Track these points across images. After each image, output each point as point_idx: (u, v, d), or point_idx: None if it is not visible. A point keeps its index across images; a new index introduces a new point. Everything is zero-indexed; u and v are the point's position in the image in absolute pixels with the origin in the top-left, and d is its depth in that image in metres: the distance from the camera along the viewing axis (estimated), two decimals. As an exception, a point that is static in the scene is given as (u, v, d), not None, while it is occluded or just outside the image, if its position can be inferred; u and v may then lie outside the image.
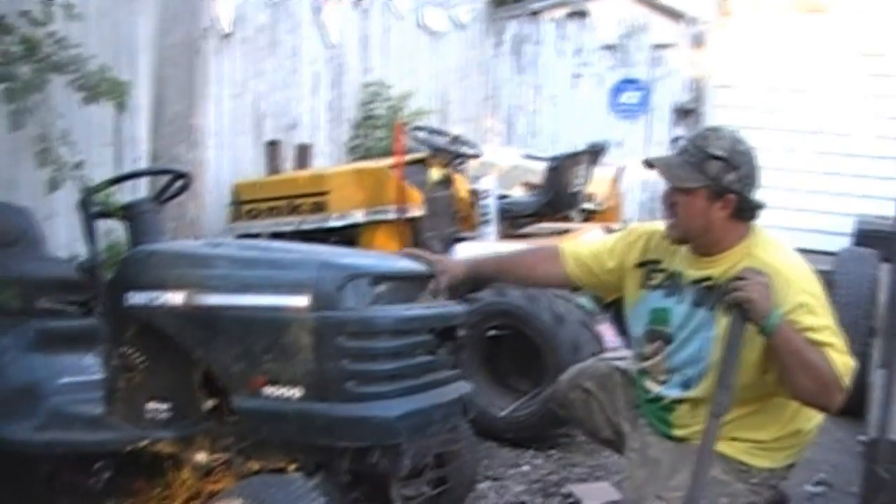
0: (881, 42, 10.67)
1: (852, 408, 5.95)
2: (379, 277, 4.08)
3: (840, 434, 6.35)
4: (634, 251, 4.16)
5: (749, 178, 3.78)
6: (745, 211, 3.80)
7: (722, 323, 3.72)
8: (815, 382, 3.54)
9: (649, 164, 3.87)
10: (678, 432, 3.94)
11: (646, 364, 4.07)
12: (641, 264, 4.14)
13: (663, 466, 3.93)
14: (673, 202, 3.83)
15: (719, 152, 3.73)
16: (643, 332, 4.08)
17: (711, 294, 3.82)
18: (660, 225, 4.11)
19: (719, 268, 3.82)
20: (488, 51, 14.09)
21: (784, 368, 3.58)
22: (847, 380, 3.55)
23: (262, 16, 9.56)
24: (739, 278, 3.58)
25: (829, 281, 6.74)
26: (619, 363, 4.42)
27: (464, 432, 4.74)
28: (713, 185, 3.72)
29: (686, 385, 3.88)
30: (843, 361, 3.54)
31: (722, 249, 3.81)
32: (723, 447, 3.79)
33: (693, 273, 3.92)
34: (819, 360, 3.51)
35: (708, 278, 3.86)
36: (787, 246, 3.87)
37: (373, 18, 11.44)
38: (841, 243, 8.56)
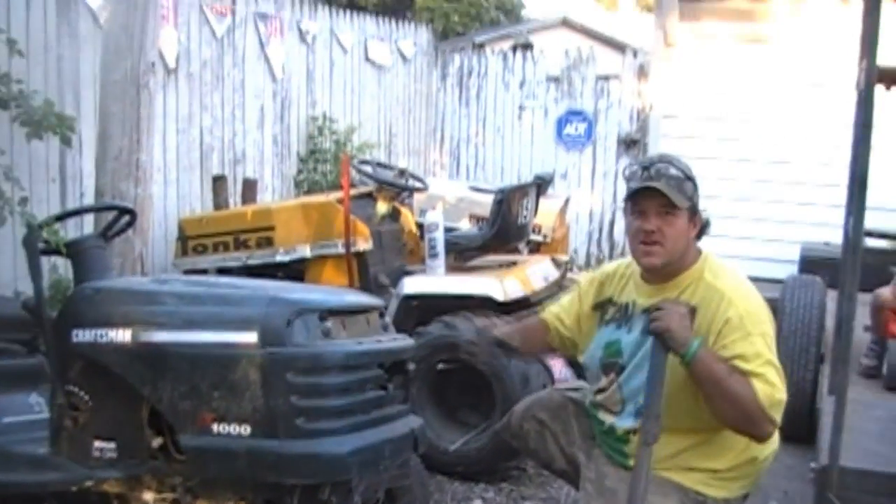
0: (822, 71, 10.80)
1: (804, 434, 6.01)
2: (327, 312, 4.07)
3: (791, 461, 6.37)
4: (588, 298, 4.20)
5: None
6: (705, 229, 3.87)
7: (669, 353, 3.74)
8: (737, 412, 3.55)
9: (646, 188, 3.82)
10: (634, 462, 3.95)
11: (600, 397, 4.07)
12: (596, 306, 4.17)
13: (619, 496, 3.92)
14: (655, 229, 3.82)
15: (688, 173, 3.79)
16: (599, 366, 4.09)
17: None
18: (613, 264, 4.16)
19: (670, 294, 3.84)
20: (434, 84, 14.17)
21: (706, 397, 3.60)
22: (774, 411, 3.54)
23: (207, 50, 9.55)
24: (658, 308, 3.61)
25: (776, 308, 6.81)
26: (572, 394, 4.42)
27: (414, 467, 4.71)
28: (690, 204, 3.78)
29: (639, 414, 3.88)
30: (767, 393, 3.52)
31: (677, 272, 3.83)
32: (679, 477, 3.80)
33: (644, 301, 3.93)
34: (741, 391, 3.51)
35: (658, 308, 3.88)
36: (736, 271, 3.90)
37: (318, 52, 11.46)
38: (788, 270, 8.63)
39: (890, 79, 3.85)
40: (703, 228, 3.89)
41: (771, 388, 3.53)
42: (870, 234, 4.81)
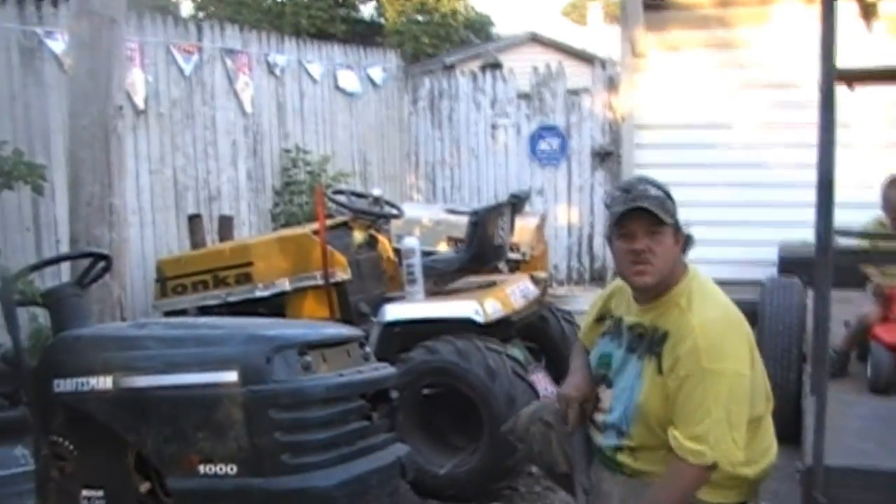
0: (791, 73, 10.84)
1: (790, 435, 6.02)
2: (307, 347, 4.08)
3: (780, 461, 6.33)
4: (594, 310, 4.25)
5: None
6: (688, 244, 3.89)
7: (645, 372, 3.77)
8: (682, 494, 3.66)
9: (638, 208, 3.83)
10: (627, 471, 3.96)
11: (595, 411, 4.11)
12: (599, 318, 4.21)
13: (613, 500, 3.94)
14: (643, 248, 3.83)
15: (668, 192, 3.82)
16: (596, 378, 4.12)
17: (639, 341, 3.87)
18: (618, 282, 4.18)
19: (648, 315, 3.87)
20: (405, 108, 14.22)
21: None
22: (705, 457, 3.57)
23: (176, 90, 9.56)
24: None
25: (756, 311, 6.83)
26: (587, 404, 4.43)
27: (403, 495, 4.72)
28: (673, 222, 3.80)
29: (620, 433, 3.90)
30: (691, 450, 3.57)
31: (666, 290, 3.84)
32: None
33: (629, 319, 3.97)
34: (671, 481, 3.64)
35: (639, 325, 3.91)
36: (716, 296, 3.89)
37: (287, 84, 11.49)
38: (768, 272, 8.65)
39: (851, 79, 3.88)
40: (686, 243, 3.90)
41: (701, 445, 3.57)
42: (841, 233, 4.84)
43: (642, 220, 3.78)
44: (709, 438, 3.56)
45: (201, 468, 3.91)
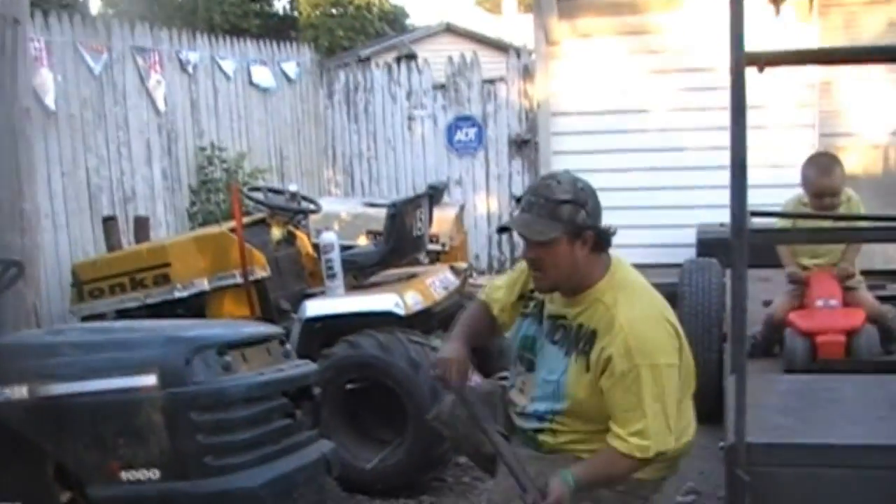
0: (703, 57, 10.94)
1: (713, 414, 6.10)
2: (226, 346, 4.04)
3: (704, 440, 6.37)
4: (518, 285, 4.21)
5: (596, 209, 3.86)
6: (602, 241, 3.88)
7: (572, 369, 3.80)
8: (623, 477, 3.77)
9: (504, 228, 3.92)
10: (546, 448, 3.99)
11: (512, 392, 4.12)
12: (521, 296, 4.19)
13: (530, 474, 3.96)
14: (534, 257, 3.86)
15: (565, 196, 3.79)
16: (514, 357, 4.13)
17: (563, 334, 3.89)
18: None
19: (571, 310, 3.88)
20: (321, 102, 14.14)
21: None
22: (650, 451, 3.68)
23: (86, 89, 9.42)
24: None
25: (677, 293, 6.89)
26: (503, 382, 4.43)
27: (330, 491, 4.70)
28: (570, 227, 3.78)
29: (542, 418, 3.93)
30: (637, 446, 3.66)
31: (585, 287, 3.86)
32: (589, 456, 3.85)
33: (551, 307, 3.99)
34: (622, 469, 3.72)
35: (562, 317, 3.92)
36: (639, 286, 3.92)
37: (200, 81, 11.37)
38: (687, 255, 8.75)
39: (760, 62, 3.92)
40: (603, 240, 3.89)
41: (639, 438, 3.66)
42: (755, 213, 4.89)
43: None
44: (650, 433, 3.65)
45: (123, 475, 3.87)
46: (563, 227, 3.77)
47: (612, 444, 3.70)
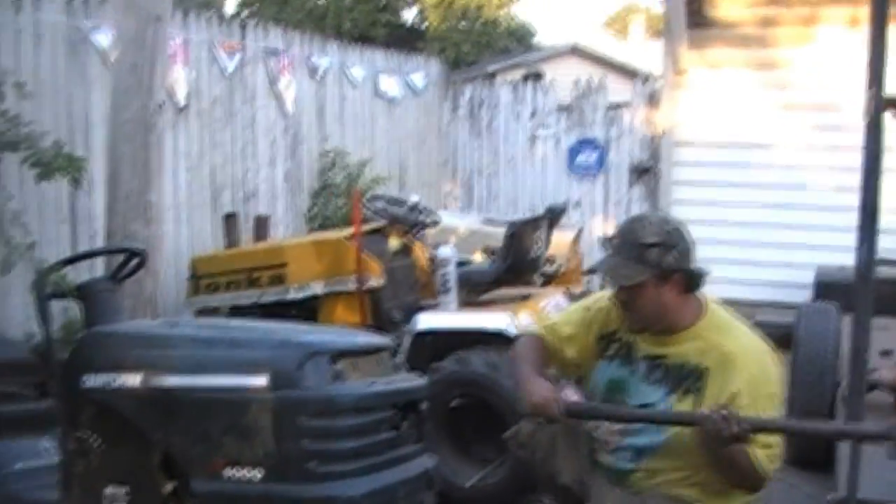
0: (834, 95, 10.76)
1: (821, 464, 5.95)
2: (338, 354, 4.05)
3: (809, 489, 6.30)
4: (595, 325, 4.14)
5: (686, 252, 3.79)
6: (693, 283, 3.81)
7: (677, 407, 3.74)
8: (738, 479, 3.64)
9: (592, 271, 3.89)
10: (635, 489, 3.93)
11: (598, 432, 4.05)
12: (600, 337, 4.12)
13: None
14: (624, 300, 3.83)
15: (653, 239, 3.73)
16: (599, 401, 4.06)
17: (663, 373, 3.84)
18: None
19: (672, 348, 3.83)
20: (445, 116, 14.15)
21: (712, 462, 3.63)
22: (771, 471, 3.60)
23: (217, 88, 9.57)
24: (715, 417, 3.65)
25: (791, 336, 6.75)
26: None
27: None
28: (657, 271, 3.73)
29: (638, 455, 3.87)
30: (767, 455, 3.58)
31: (681, 329, 3.81)
32: (688, 491, 3.80)
33: (646, 348, 3.91)
34: (743, 462, 3.58)
35: (661, 357, 3.87)
36: (740, 324, 3.86)
37: (329, 87, 11.48)
38: (803, 295, 8.57)
39: (899, 107, 3.80)
40: (694, 282, 3.83)
41: (769, 449, 3.59)
42: (884, 262, 4.75)
43: None
44: (774, 454, 3.60)
45: (227, 472, 3.89)
46: (651, 271, 3.71)
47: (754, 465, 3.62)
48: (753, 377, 3.62)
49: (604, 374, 4.04)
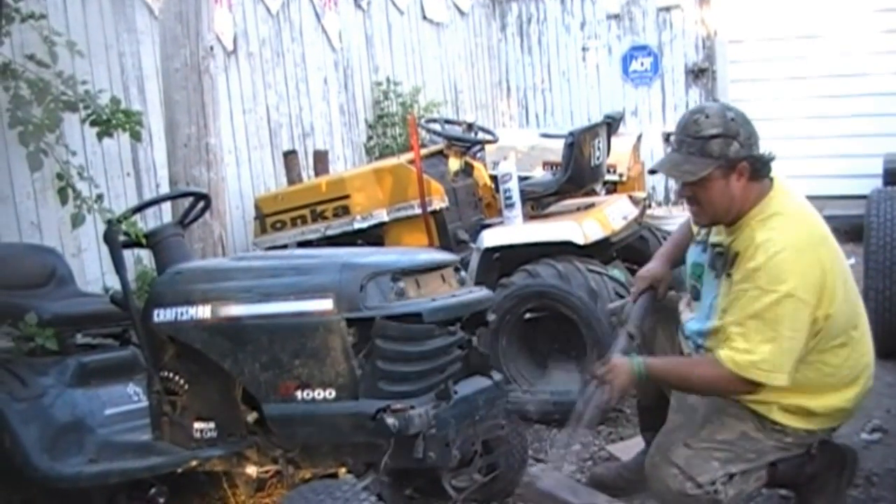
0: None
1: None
2: (400, 273, 4.11)
3: (890, 378, 6.25)
4: None
5: (750, 138, 3.77)
6: (761, 169, 3.80)
7: (721, 290, 3.82)
8: (709, 389, 3.80)
9: (653, 171, 3.89)
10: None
11: (681, 305, 4.15)
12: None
13: (697, 416, 3.95)
14: (690, 195, 3.83)
15: (713, 130, 3.72)
16: (689, 284, 4.16)
17: (720, 260, 3.86)
18: None
19: (729, 237, 3.86)
20: (494, 35, 14.05)
21: (674, 388, 3.90)
22: (746, 373, 3.62)
23: (263, 28, 9.58)
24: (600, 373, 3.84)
25: (862, 225, 6.69)
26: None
27: (507, 417, 4.74)
28: (722, 162, 3.72)
29: (698, 335, 3.94)
30: (735, 360, 3.61)
31: (740, 216, 3.81)
32: (759, 408, 3.81)
33: (714, 236, 3.97)
34: (706, 375, 3.72)
35: (720, 245, 3.90)
36: (795, 215, 3.81)
37: (375, 17, 11.43)
38: (872, 185, 8.48)
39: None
40: (761, 168, 3.80)
41: (735, 353, 3.62)
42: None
43: None
44: (754, 351, 3.62)
45: (298, 394, 4.00)
46: (715, 163, 3.70)
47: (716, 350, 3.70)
48: (759, 267, 3.63)
49: (691, 256, 4.13)
